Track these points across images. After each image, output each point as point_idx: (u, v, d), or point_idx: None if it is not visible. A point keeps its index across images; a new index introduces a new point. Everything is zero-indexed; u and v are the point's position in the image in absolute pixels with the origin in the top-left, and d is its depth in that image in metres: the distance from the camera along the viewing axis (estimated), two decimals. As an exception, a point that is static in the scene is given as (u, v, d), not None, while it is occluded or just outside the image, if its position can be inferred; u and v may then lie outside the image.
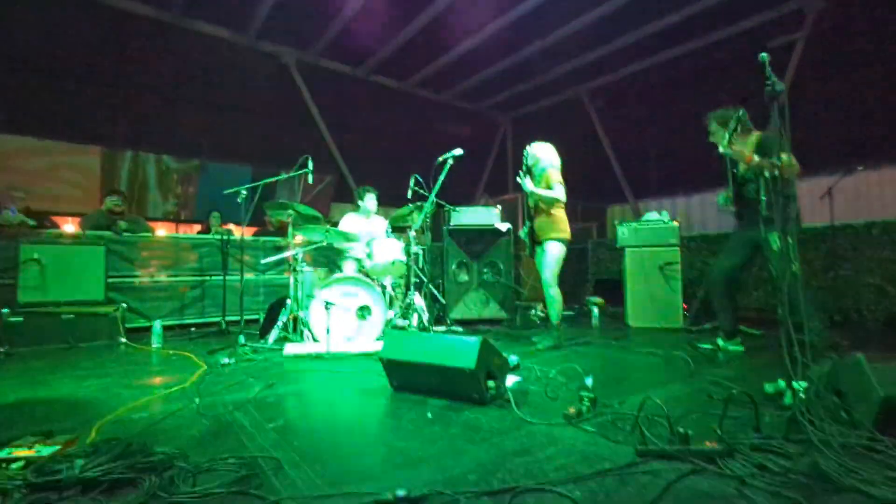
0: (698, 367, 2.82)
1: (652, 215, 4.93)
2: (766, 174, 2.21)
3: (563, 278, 3.88)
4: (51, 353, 3.61)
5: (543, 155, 3.81)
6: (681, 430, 1.55)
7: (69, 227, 6.07)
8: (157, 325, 4.00)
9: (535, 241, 3.81)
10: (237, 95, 7.98)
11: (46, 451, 1.51)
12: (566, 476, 1.40)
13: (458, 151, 3.72)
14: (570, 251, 3.84)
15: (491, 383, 2.10)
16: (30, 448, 1.52)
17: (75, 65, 6.63)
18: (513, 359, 2.75)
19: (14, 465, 1.42)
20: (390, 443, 1.74)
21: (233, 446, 1.68)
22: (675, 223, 4.75)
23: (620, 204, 9.94)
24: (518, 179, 3.74)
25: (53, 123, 6.53)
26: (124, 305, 4.39)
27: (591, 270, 6.73)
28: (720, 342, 3.34)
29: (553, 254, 3.68)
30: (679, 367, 2.90)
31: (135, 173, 7.35)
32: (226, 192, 4.24)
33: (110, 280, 4.43)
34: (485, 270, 5.30)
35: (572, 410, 1.90)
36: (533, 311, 5.03)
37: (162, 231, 6.85)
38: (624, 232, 4.88)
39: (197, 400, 2.22)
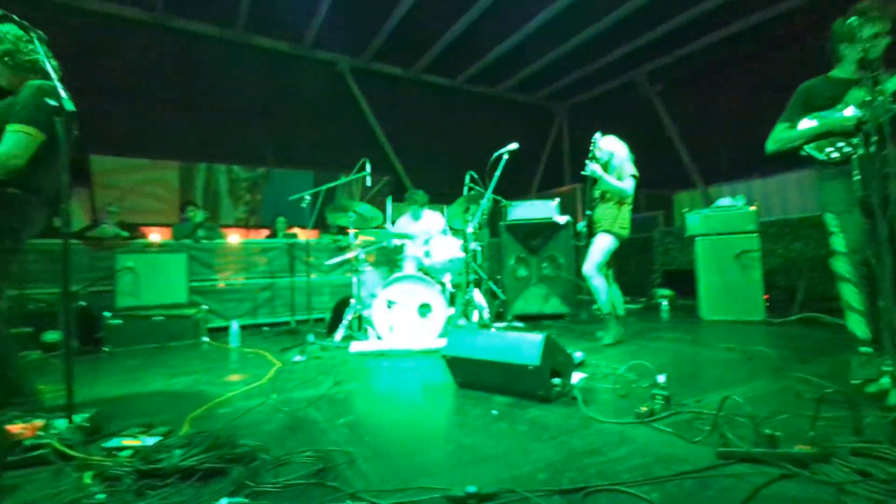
0: (785, 362, 2.61)
1: (725, 201, 4.60)
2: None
3: (627, 270, 3.72)
4: (145, 352, 3.99)
5: (618, 148, 3.68)
6: (767, 431, 1.43)
7: (155, 236, 6.65)
8: (235, 325, 4.30)
9: (593, 232, 3.69)
10: (297, 104, 8.37)
11: (149, 441, 1.67)
12: (641, 477, 1.34)
13: (514, 146, 3.67)
14: (622, 247, 3.66)
15: (556, 381, 2.06)
16: (135, 438, 1.69)
17: (153, 88, 7.23)
18: (578, 355, 2.69)
19: (123, 454, 1.58)
20: (457, 439, 1.75)
21: (308, 440, 1.76)
22: (753, 208, 4.40)
23: (688, 190, 9.36)
24: (587, 164, 3.61)
25: (138, 143, 7.18)
26: (205, 307, 4.75)
27: (659, 261, 6.40)
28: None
29: (599, 245, 3.55)
30: (762, 362, 2.69)
31: (208, 184, 7.95)
32: (290, 198, 4.46)
33: (192, 284, 4.81)
34: (544, 265, 5.20)
35: (644, 409, 1.82)
36: (596, 306, 4.87)
37: (234, 236, 7.34)
38: (694, 220, 4.60)
39: (273, 396, 2.36)
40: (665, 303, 4.75)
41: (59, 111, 1.65)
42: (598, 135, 3.72)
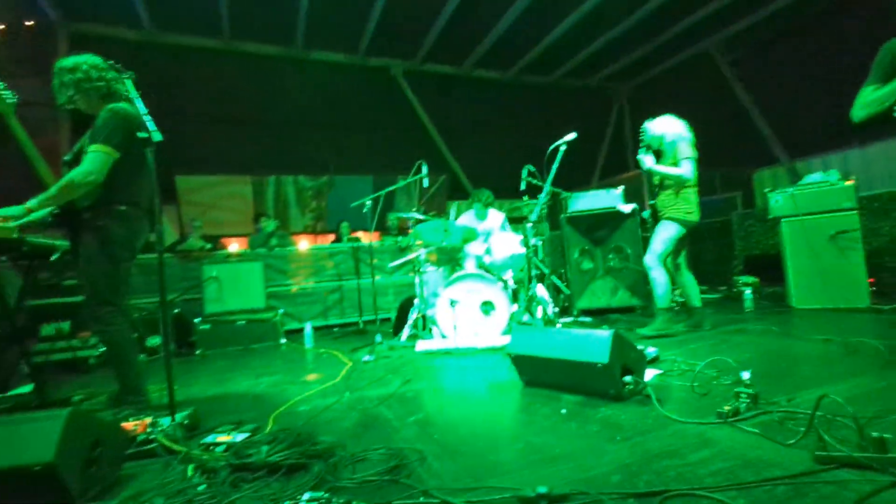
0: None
1: (815, 177, 4.17)
2: None
3: (704, 258, 3.50)
4: (231, 355, 4.33)
5: (668, 128, 3.47)
6: (874, 434, 1.29)
7: (234, 246, 7.20)
8: (308, 327, 4.55)
9: (657, 220, 3.53)
10: (354, 112, 8.69)
11: (239, 437, 1.81)
12: (725, 482, 1.26)
13: (572, 136, 3.56)
14: (696, 233, 3.43)
15: (628, 378, 1.98)
16: (228, 434, 1.84)
17: (224, 109, 7.81)
18: (651, 351, 2.57)
19: (218, 449, 1.73)
20: (526, 438, 1.74)
21: (381, 437, 1.83)
22: (850, 182, 3.95)
23: (770, 166, 8.58)
24: (638, 158, 3.45)
25: (214, 161, 7.82)
26: (281, 311, 5.06)
27: (739, 246, 5.93)
28: None
29: (663, 234, 3.38)
30: (867, 356, 2.41)
31: (278, 194, 8.48)
32: (353, 204, 4.64)
33: (269, 289, 5.15)
34: (610, 256, 5.00)
35: (727, 408, 1.69)
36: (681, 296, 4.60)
37: (303, 243, 7.76)
38: (778, 200, 4.21)
39: (347, 395, 2.47)
40: (748, 291, 4.38)
41: (149, 142, 1.85)
42: (647, 124, 3.53)
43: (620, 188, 4.92)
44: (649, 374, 2.24)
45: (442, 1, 6.93)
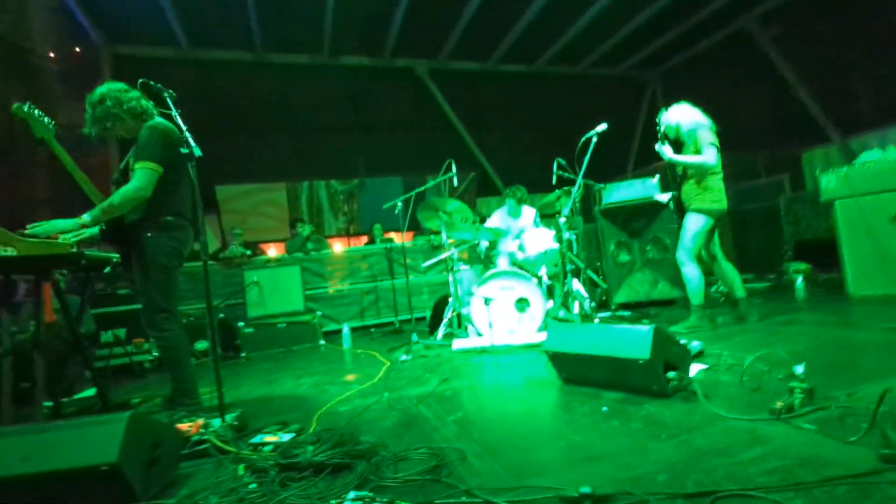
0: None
1: (871, 154, 3.91)
2: None
3: (750, 245, 3.35)
4: (273, 357, 4.47)
5: (684, 116, 3.36)
6: (949, 430, 1.20)
7: (272, 251, 7.44)
8: (346, 328, 4.65)
9: (683, 210, 3.43)
10: (382, 114, 8.81)
11: (285, 437, 1.87)
12: (780, 482, 1.20)
13: (602, 127, 3.47)
14: (741, 220, 3.30)
15: (671, 374, 1.92)
16: (274, 435, 1.91)
17: (258, 119, 8.09)
18: (694, 345, 2.48)
19: (266, 448, 1.80)
20: (567, 436, 1.72)
21: (421, 437, 1.85)
22: (911, 158, 3.68)
23: (820, 145, 8.09)
24: (657, 149, 3.35)
25: (250, 170, 8.11)
26: (319, 313, 5.19)
27: (788, 232, 5.62)
28: None
29: (691, 227, 3.28)
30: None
31: (311, 199, 8.69)
32: (384, 206, 4.69)
33: (307, 292, 5.29)
34: (648, 248, 4.85)
35: (780, 404, 1.61)
36: (714, 288, 4.43)
37: (338, 245, 7.93)
38: (830, 181, 3.96)
39: (386, 394, 2.51)
40: (800, 279, 4.15)
41: (191, 157, 1.93)
42: (662, 115, 3.45)
43: (657, 177, 4.77)
44: (694, 369, 2.16)
45: (465, -2, 6.91)
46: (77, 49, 6.28)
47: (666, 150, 3.32)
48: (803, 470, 1.25)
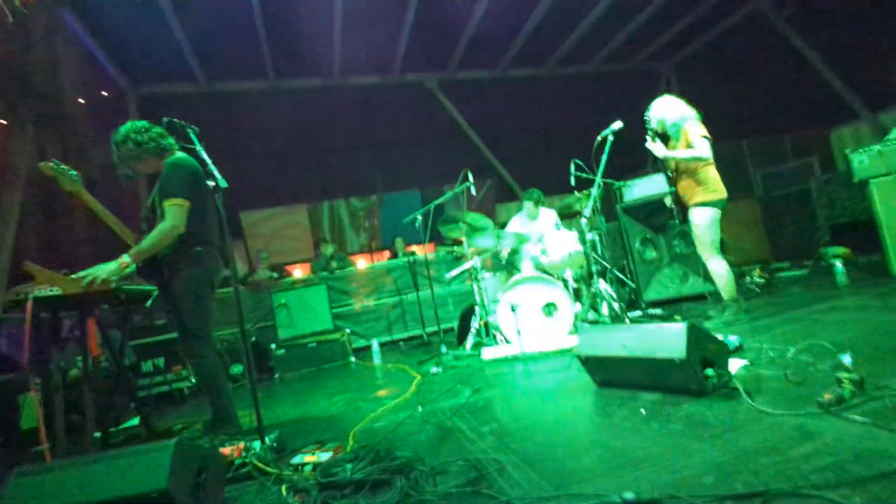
0: None
1: (904, 129, 3.76)
2: None
3: (782, 232, 3.26)
4: (306, 377, 4.54)
5: (669, 112, 3.34)
6: None
7: (298, 272, 7.58)
8: (375, 343, 4.68)
9: (684, 206, 3.42)
10: (395, 129, 8.94)
11: (323, 456, 1.90)
12: (835, 479, 1.15)
13: (618, 125, 3.44)
14: (767, 207, 3.26)
15: (710, 371, 1.86)
16: (313, 454, 1.93)
17: (276, 145, 8.32)
18: (732, 339, 2.41)
19: (306, 468, 1.82)
20: (605, 442, 1.69)
21: (458, 449, 1.85)
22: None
23: (849, 123, 7.80)
24: (647, 146, 3.32)
25: (272, 194, 8.34)
26: (348, 330, 5.25)
27: (822, 216, 5.42)
28: None
29: (701, 223, 3.25)
30: None
31: (332, 218, 8.86)
32: (405, 220, 4.74)
33: (334, 310, 5.36)
34: (675, 242, 4.75)
35: (828, 396, 1.55)
36: (748, 278, 4.30)
37: (361, 262, 8.02)
38: (862, 160, 3.82)
39: (420, 408, 2.52)
40: (839, 264, 3.98)
41: (217, 189, 2.01)
42: (648, 112, 3.45)
43: (677, 170, 4.67)
44: (734, 364, 2.09)
45: (468, 8, 6.98)
46: (104, 93, 6.60)
47: (657, 148, 3.30)
48: (858, 465, 1.20)
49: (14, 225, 4.29)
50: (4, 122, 4.67)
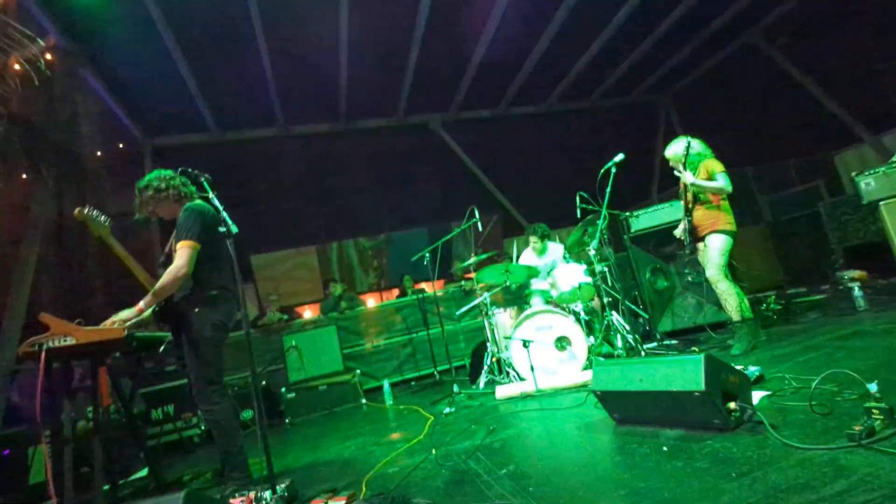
0: None
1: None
2: None
3: (795, 256, 3.26)
4: (316, 421, 4.45)
5: (682, 149, 3.47)
6: None
7: (307, 313, 7.57)
8: (386, 384, 4.61)
9: (697, 237, 3.54)
10: (401, 169, 9.14)
11: (336, 506, 1.84)
12: (877, 518, 1.09)
13: (619, 157, 3.50)
14: (782, 233, 3.36)
15: (732, 405, 1.80)
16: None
17: (284, 189, 8.53)
18: (752, 370, 2.34)
19: (317, 520, 1.76)
20: (628, 483, 1.62)
21: (475, 494, 1.78)
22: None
23: (852, 146, 7.84)
24: (677, 174, 3.45)
25: (281, 237, 8.48)
26: (358, 371, 5.18)
27: (835, 238, 5.36)
28: None
29: (716, 247, 3.38)
30: None
31: (341, 259, 8.93)
32: (413, 258, 4.77)
33: (344, 351, 5.31)
34: (687, 271, 4.70)
35: (859, 428, 1.48)
36: (764, 305, 4.22)
37: (371, 301, 8.01)
38: (868, 183, 3.82)
39: (433, 451, 2.44)
40: (857, 287, 3.90)
41: (229, 234, 2.05)
42: (666, 152, 3.61)
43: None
44: (756, 396, 2.02)
45: (469, 52, 7.26)
46: (121, 145, 6.87)
47: (688, 175, 3.41)
48: (899, 502, 1.13)
49: (30, 278, 4.37)
50: (26, 178, 4.86)
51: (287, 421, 4.58)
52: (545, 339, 3.62)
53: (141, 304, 2.29)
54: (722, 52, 8.67)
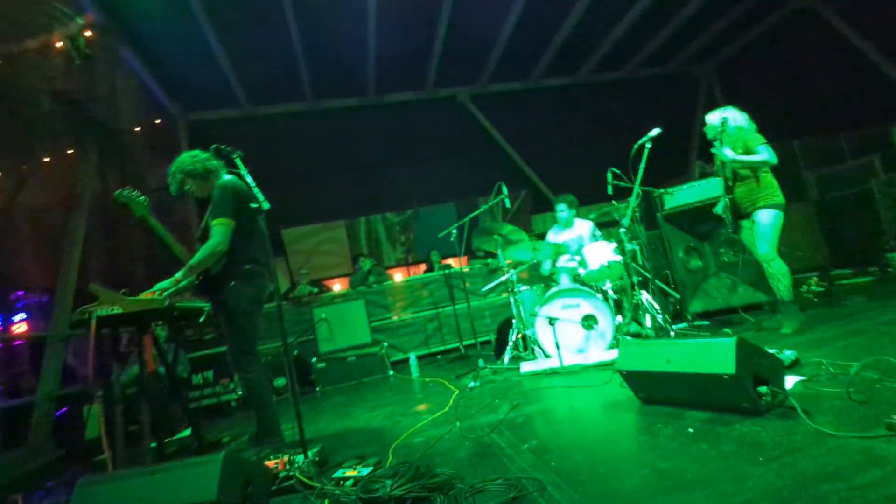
0: None
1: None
2: None
3: (842, 237, 3.12)
4: (345, 390, 4.61)
5: (729, 119, 3.29)
6: None
7: (337, 286, 7.76)
8: (413, 357, 4.71)
9: (740, 214, 3.35)
10: (429, 143, 9.05)
11: (364, 471, 1.92)
12: (912, 509, 1.06)
13: (655, 132, 3.37)
14: (829, 210, 3.18)
15: (763, 388, 1.77)
16: (353, 469, 1.96)
17: (314, 163, 8.61)
18: (787, 354, 2.28)
19: (348, 483, 1.85)
20: (651, 463, 1.62)
21: (497, 467, 1.83)
22: None
23: (916, 116, 7.25)
24: (715, 151, 3.26)
25: (311, 212, 8.62)
26: (386, 344, 5.31)
27: (886, 219, 5.06)
28: None
29: (767, 222, 3.19)
30: None
31: (369, 233, 9.05)
32: (440, 234, 4.78)
33: (372, 324, 5.44)
34: (722, 251, 4.54)
35: (899, 417, 1.44)
36: (805, 287, 4.06)
37: (398, 275, 8.13)
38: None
39: (458, 424, 2.50)
40: (906, 270, 3.70)
41: (261, 210, 2.11)
42: (708, 118, 3.41)
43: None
44: (789, 381, 1.97)
45: (500, 21, 7.04)
46: (157, 121, 7.07)
47: (727, 151, 3.24)
48: (937, 495, 1.10)
49: (79, 249, 4.63)
50: (72, 153, 5.08)
51: (318, 389, 4.77)
52: (572, 318, 3.60)
53: (178, 274, 2.41)
54: (772, 15, 8.08)
